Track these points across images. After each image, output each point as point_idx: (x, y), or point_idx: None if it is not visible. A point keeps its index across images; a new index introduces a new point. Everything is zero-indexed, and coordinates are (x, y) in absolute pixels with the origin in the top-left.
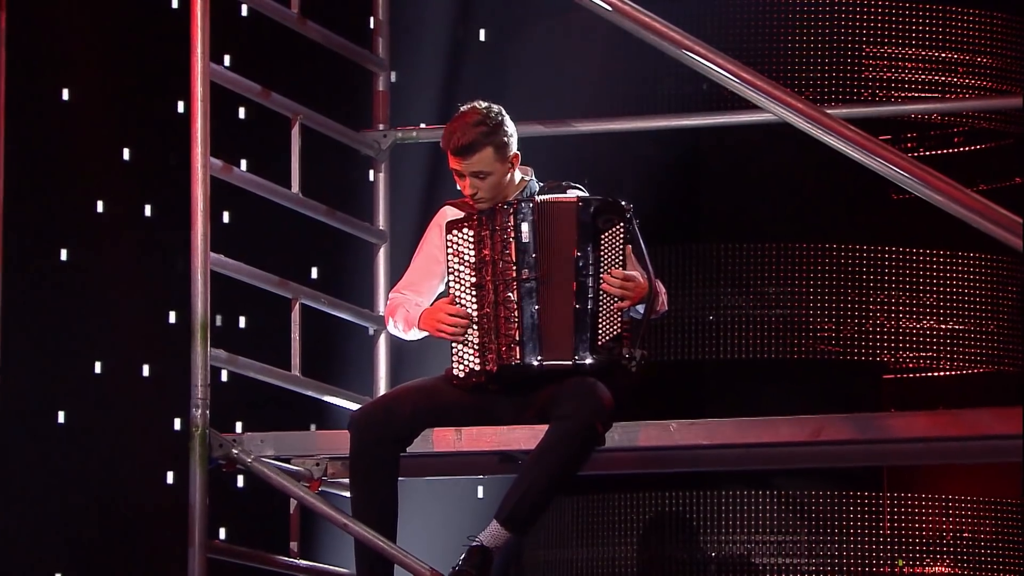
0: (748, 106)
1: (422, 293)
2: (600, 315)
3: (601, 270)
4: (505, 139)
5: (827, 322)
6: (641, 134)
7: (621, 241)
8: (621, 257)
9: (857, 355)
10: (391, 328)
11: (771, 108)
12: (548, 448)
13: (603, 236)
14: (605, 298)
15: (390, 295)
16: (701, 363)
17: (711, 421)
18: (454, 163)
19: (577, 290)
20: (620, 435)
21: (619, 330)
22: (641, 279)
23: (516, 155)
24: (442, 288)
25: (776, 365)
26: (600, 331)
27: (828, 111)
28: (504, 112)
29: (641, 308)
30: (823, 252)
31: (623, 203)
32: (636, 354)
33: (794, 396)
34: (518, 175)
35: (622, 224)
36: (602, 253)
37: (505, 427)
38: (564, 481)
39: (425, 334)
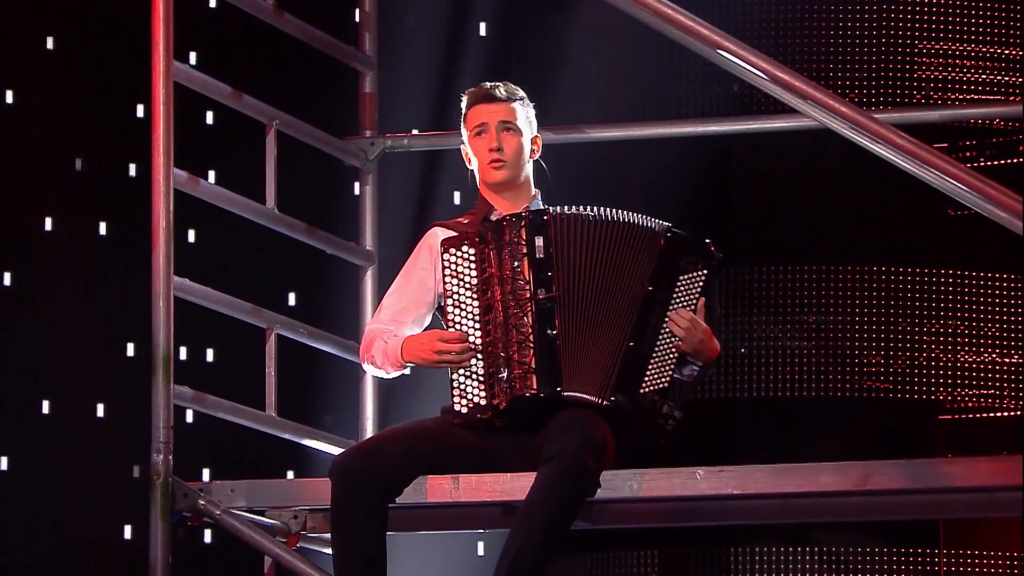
0: (785, 110)
1: (404, 325)
2: (653, 361)
3: (668, 315)
4: (530, 110)
5: (875, 355)
6: (662, 142)
7: (698, 291)
8: (692, 308)
9: (909, 393)
10: (366, 364)
11: (811, 112)
12: (536, 498)
13: (681, 278)
14: (664, 345)
15: (367, 327)
16: (732, 402)
17: (743, 468)
18: (478, 115)
19: (636, 326)
20: (639, 484)
21: (666, 383)
22: (709, 334)
23: (537, 137)
24: (429, 320)
25: (817, 404)
26: (647, 379)
27: (876, 116)
28: None
29: (686, 371)
30: (870, 276)
31: (714, 249)
32: (676, 414)
33: (838, 439)
34: (532, 184)
35: (705, 272)
36: (675, 296)
37: (508, 474)
38: (561, 531)
39: (407, 370)
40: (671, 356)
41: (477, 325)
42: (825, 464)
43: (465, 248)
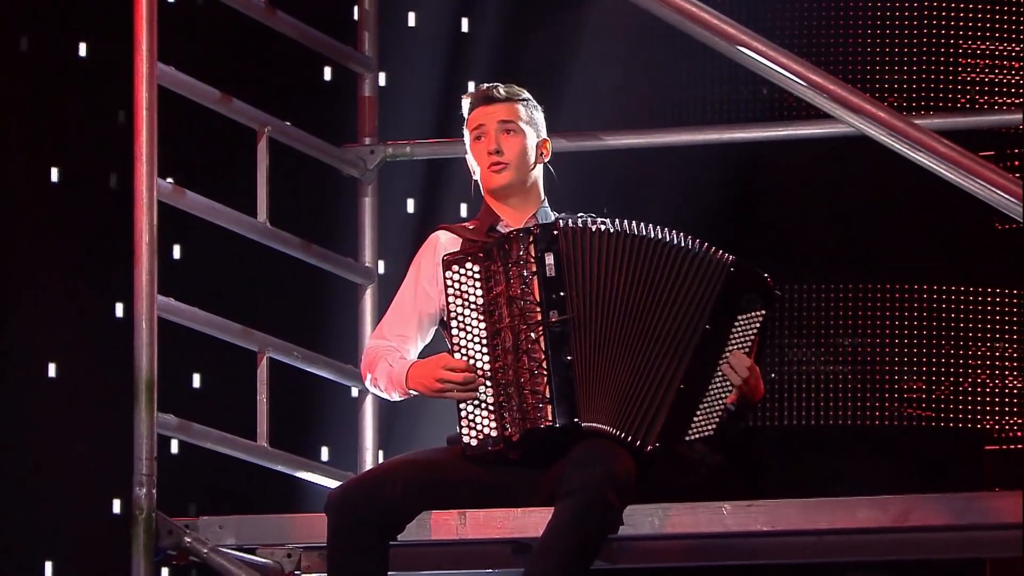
0: (817, 116)
1: (409, 340)
2: (702, 408)
3: (723, 358)
4: (537, 112)
5: (916, 381)
6: (685, 150)
7: (754, 333)
8: (746, 351)
9: (953, 421)
10: (369, 384)
11: (846, 118)
12: (554, 535)
13: (740, 318)
14: (715, 390)
15: (368, 343)
16: (761, 431)
17: (773, 502)
18: (477, 118)
19: (690, 368)
20: (661, 520)
21: (711, 431)
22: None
23: (545, 141)
24: (432, 333)
25: (853, 433)
26: (694, 426)
27: (917, 121)
28: None
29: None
30: (910, 295)
31: (776, 289)
32: (716, 461)
33: (875, 471)
34: (541, 191)
35: (763, 313)
36: (732, 337)
37: (519, 509)
38: (579, 572)
39: (414, 395)
40: (721, 403)
41: (485, 350)
42: (862, 498)
43: (469, 265)
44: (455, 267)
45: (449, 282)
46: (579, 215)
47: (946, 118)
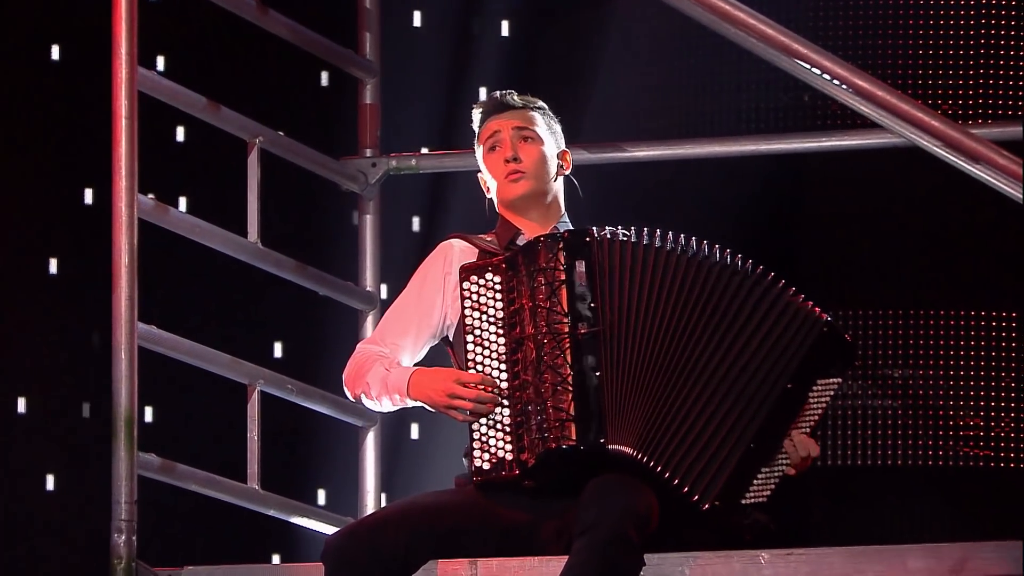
0: (865, 125)
1: (403, 350)
2: (763, 472)
3: (796, 424)
4: (554, 123)
5: (973, 417)
6: (717, 162)
7: (826, 401)
8: (815, 418)
9: (1014, 461)
10: (358, 391)
11: (895, 128)
12: None
13: (819, 382)
14: (783, 458)
15: (359, 346)
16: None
17: (816, 551)
18: (491, 126)
19: (763, 428)
20: (693, 571)
21: (766, 496)
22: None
23: (566, 152)
24: (428, 347)
25: (903, 474)
26: (752, 489)
27: (973, 131)
28: None
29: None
30: (966, 322)
31: (858, 359)
32: (770, 530)
33: (928, 516)
34: (562, 206)
35: (839, 381)
36: (809, 403)
37: (536, 558)
38: None
39: (411, 405)
40: (780, 471)
41: (503, 367)
42: (914, 546)
43: (489, 276)
44: (474, 277)
45: (467, 293)
46: (605, 228)
47: (1005, 127)
